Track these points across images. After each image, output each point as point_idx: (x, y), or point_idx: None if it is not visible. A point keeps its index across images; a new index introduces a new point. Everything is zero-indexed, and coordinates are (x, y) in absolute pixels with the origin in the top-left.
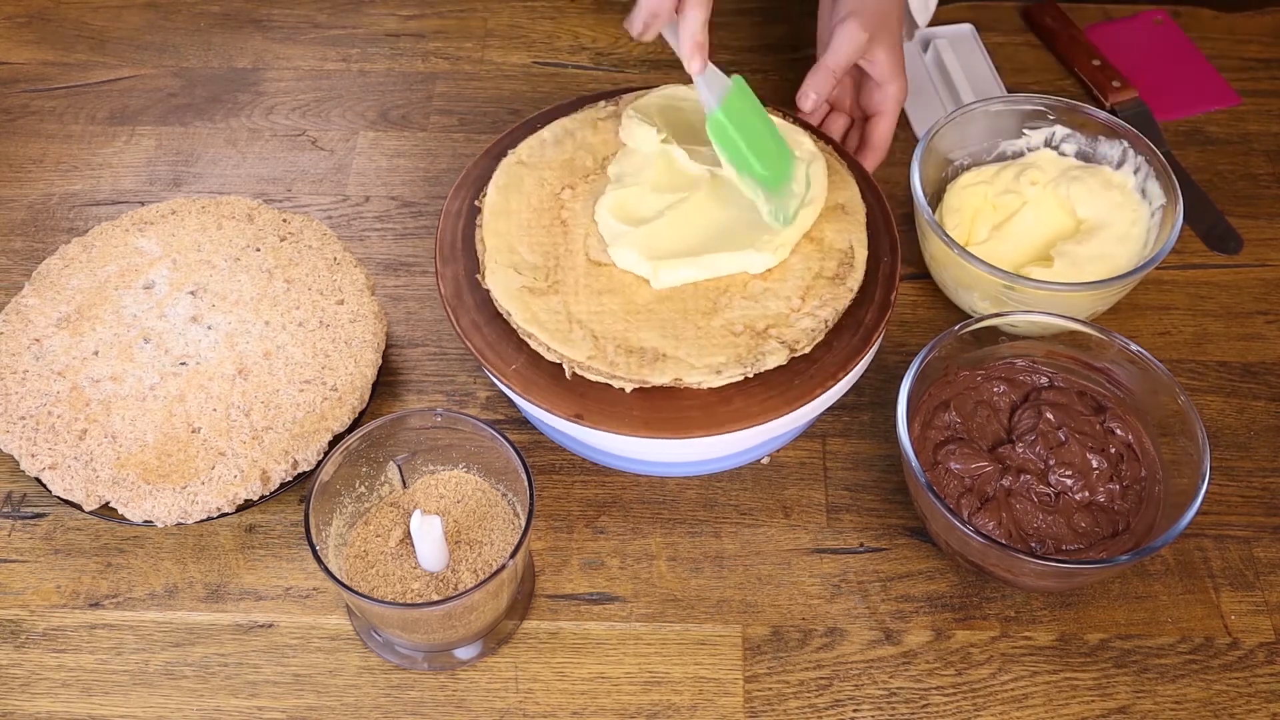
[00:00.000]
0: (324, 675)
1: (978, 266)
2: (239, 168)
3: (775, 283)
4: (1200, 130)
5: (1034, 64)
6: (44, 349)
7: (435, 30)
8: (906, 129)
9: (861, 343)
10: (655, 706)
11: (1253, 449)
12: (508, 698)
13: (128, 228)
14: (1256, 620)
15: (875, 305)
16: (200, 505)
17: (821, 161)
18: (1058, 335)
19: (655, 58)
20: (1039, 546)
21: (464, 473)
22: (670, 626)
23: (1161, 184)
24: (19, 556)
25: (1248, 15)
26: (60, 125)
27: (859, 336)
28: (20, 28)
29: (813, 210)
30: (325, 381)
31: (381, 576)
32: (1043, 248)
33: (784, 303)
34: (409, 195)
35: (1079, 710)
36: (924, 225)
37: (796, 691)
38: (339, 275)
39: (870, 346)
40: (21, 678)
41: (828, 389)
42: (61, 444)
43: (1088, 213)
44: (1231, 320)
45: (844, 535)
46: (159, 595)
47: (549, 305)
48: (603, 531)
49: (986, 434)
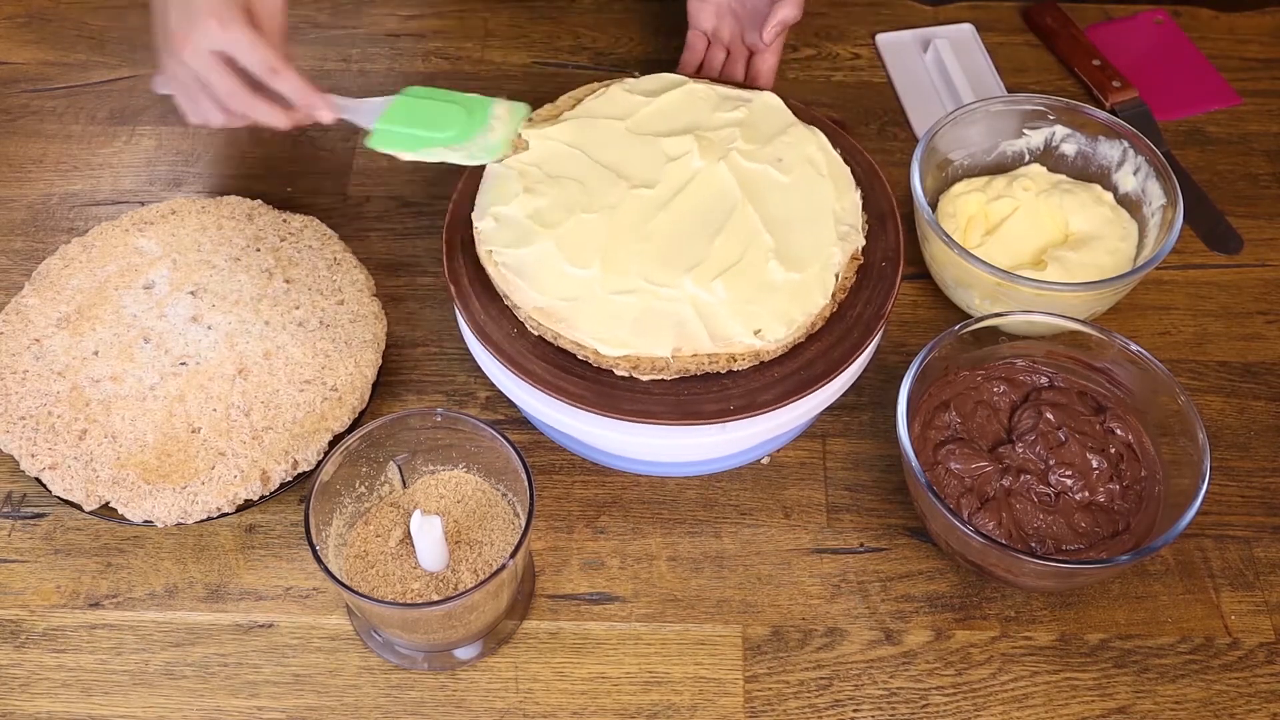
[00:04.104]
0: (324, 675)
1: (979, 267)
2: (239, 168)
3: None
4: (1200, 130)
5: (1034, 64)
6: (44, 349)
7: (435, 30)
8: (906, 129)
9: (860, 339)
10: (655, 706)
11: (1253, 449)
12: (508, 698)
13: (128, 228)
14: (1256, 620)
15: (874, 305)
16: (200, 505)
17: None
18: (1058, 335)
19: (655, 58)
20: (1039, 546)
21: (464, 473)
22: (670, 626)
23: (1162, 184)
24: (19, 556)
25: (1248, 15)
26: (60, 125)
27: (858, 333)
28: (20, 28)
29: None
30: (325, 381)
31: (381, 576)
32: (1035, 253)
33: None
34: (409, 195)
35: (1079, 710)
36: (924, 225)
37: (796, 691)
38: (339, 275)
39: (867, 344)
40: (21, 678)
41: (820, 386)
42: (61, 444)
43: (1079, 225)
44: (1231, 320)
45: (844, 535)
46: (159, 595)
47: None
48: (603, 531)
49: (986, 434)
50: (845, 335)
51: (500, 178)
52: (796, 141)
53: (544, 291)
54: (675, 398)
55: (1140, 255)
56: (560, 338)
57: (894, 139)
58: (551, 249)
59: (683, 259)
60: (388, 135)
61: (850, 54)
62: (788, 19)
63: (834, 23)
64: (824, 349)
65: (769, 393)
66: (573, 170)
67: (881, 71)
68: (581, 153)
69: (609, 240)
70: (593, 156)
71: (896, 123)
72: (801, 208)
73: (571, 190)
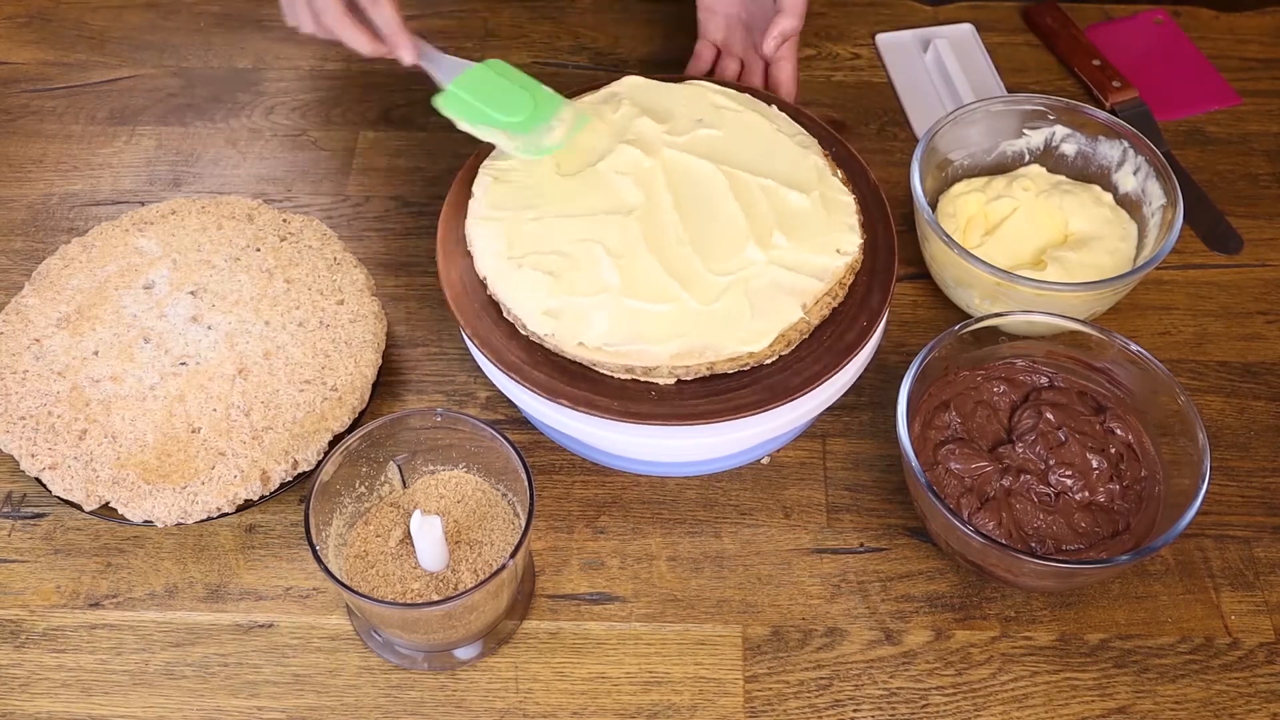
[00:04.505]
0: (324, 675)
1: (979, 267)
2: (239, 168)
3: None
4: (1200, 130)
5: (1034, 64)
6: (44, 349)
7: (435, 30)
8: (906, 129)
9: (856, 339)
10: (655, 706)
11: (1253, 449)
12: (508, 698)
13: (128, 228)
14: (1256, 620)
15: (870, 307)
16: (200, 505)
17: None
18: (1058, 335)
19: (656, 58)
20: (1039, 546)
21: (464, 473)
22: (670, 626)
23: (1161, 184)
24: (19, 556)
25: (1248, 15)
26: (60, 125)
27: (853, 335)
28: (20, 28)
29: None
30: (325, 381)
31: (381, 576)
32: (1035, 253)
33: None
34: (409, 195)
35: (1079, 710)
36: (924, 225)
37: (796, 691)
38: (339, 275)
39: (863, 344)
40: (21, 678)
41: (816, 386)
42: (61, 444)
43: (1079, 225)
44: (1231, 320)
45: (844, 535)
46: (159, 595)
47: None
48: (603, 531)
49: (986, 434)
50: (840, 336)
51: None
52: (693, 104)
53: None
54: (675, 399)
55: (1140, 255)
56: (562, 346)
57: (894, 139)
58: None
59: (722, 239)
60: (456, 100)
61: (850, 54)
62: (787, 30)
63: (834, 23)
64: (820, 351)
65: (769, 394)
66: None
67: (881, 71)
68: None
69: (630, 255)
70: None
71: (896, 123)
72: (761, 148)
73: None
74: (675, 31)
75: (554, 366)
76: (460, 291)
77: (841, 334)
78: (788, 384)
